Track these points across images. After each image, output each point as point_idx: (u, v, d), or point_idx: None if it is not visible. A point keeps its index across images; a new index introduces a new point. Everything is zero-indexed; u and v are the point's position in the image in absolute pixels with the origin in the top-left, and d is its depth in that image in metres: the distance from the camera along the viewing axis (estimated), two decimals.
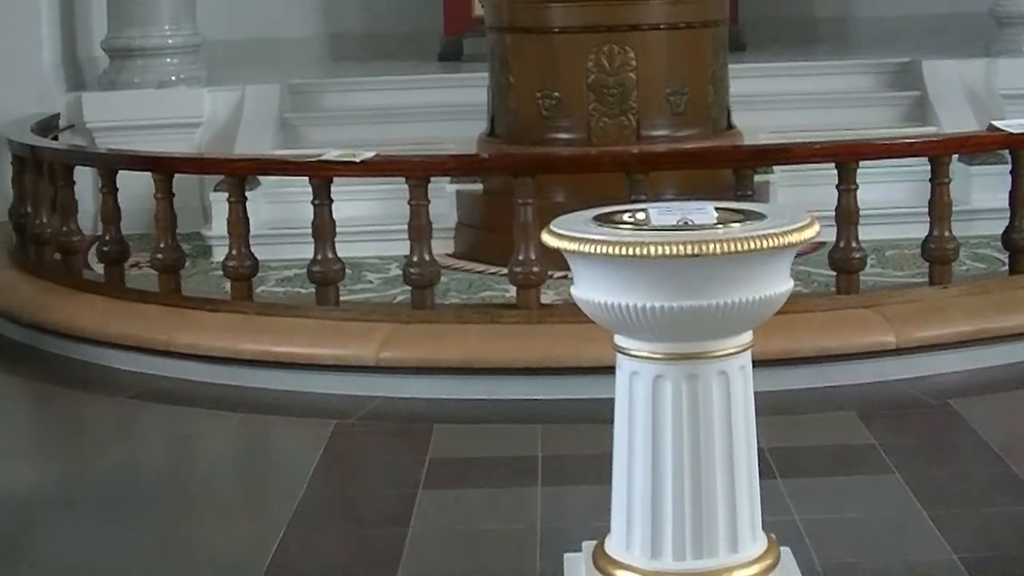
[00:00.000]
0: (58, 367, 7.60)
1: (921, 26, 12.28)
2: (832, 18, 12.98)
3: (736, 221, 3.99)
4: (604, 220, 4.03)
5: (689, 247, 3.82)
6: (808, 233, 3.94)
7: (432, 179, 7.28)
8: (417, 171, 7.20)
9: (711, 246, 3.82)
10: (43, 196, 8.42)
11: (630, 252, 3.81)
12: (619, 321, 3.96)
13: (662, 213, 4.06)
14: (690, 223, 3.99)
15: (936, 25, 12.23)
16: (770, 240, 3.86)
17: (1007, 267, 7.57)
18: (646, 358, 3.99)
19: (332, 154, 7.36)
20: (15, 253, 8.79)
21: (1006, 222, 7.45)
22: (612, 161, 7.34)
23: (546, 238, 3.99)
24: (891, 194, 8.76)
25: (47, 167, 8.32)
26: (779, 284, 3.97)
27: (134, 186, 8.08)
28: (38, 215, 8.46)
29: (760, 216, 4.02)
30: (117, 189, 7.87)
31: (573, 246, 3.92)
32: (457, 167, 7.80)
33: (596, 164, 7.50)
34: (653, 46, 8.24)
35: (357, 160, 7.21)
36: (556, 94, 8.31)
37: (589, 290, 3.97)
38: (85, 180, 8.73)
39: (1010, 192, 7.44)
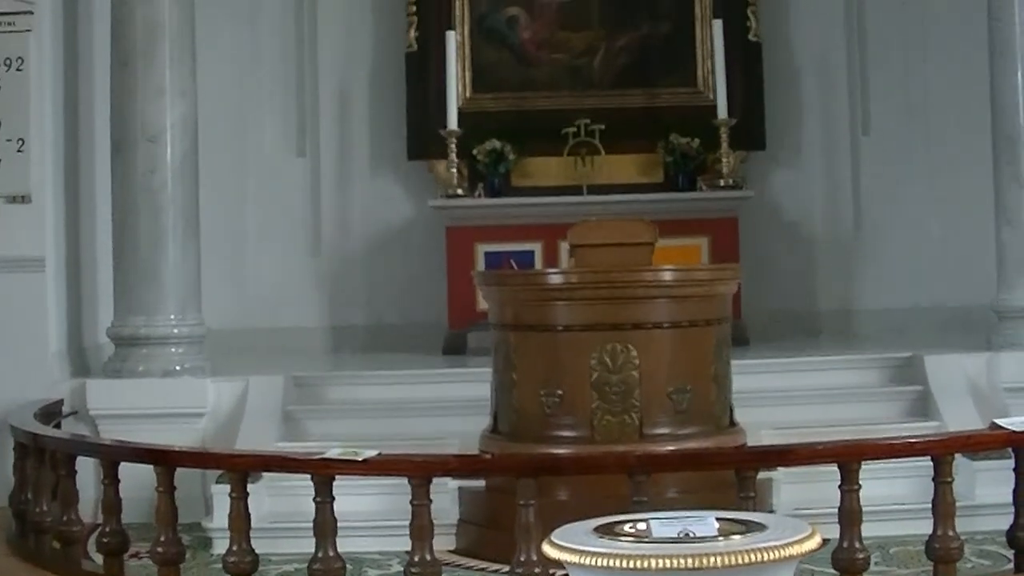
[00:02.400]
0: None
1: (923, 319, 12.41)
2: (834, 311, 13.07)
3: (737, 533, 3.97)
4: (605, 531, 4.02)
5: (690, 560, 3.81)
6: (809, 545, 3.94)
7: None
8: (419, 471, 7.18)
9: (712, 559, 3.81)
10: (44, 484, 8.40)
11: (631, 565, 3.80)
12: None
13: (663, 524, 4.05)
14: (691, 535, 3.97)
15: (938, 318, 12.34)
16: (771, 553, 3.85)
17: (1013, 565, 7.47)
18: None
19: (334, 452, 7.36)
20: (14, 540, 8.72)
21: (1011, 518, 7.38)
22: (615, 463, 7.31)
23: (547, 550, 3.97)
24: (894, 490, 8.67)
25: (49, 455, 8.32)
26: None
27: (136, 475, 8.04)
28: (39, 503, 8.44)
29: (761, 527, 4.01)
30: (119, 480, 7.85)
31: (574, 558, 3.91)
32: (459, 468, 7.77)
33: (599, 466, 7.46)
34: (656, 344, 8.27)
35: (359, 459, 7.20)
36: (559, 392, 8.30)
37: None
38: (87, 467, 8.68)
39: (1014, 490, 7.42)
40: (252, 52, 13.16)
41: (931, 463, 7.30)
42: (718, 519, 4.06)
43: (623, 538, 3.97)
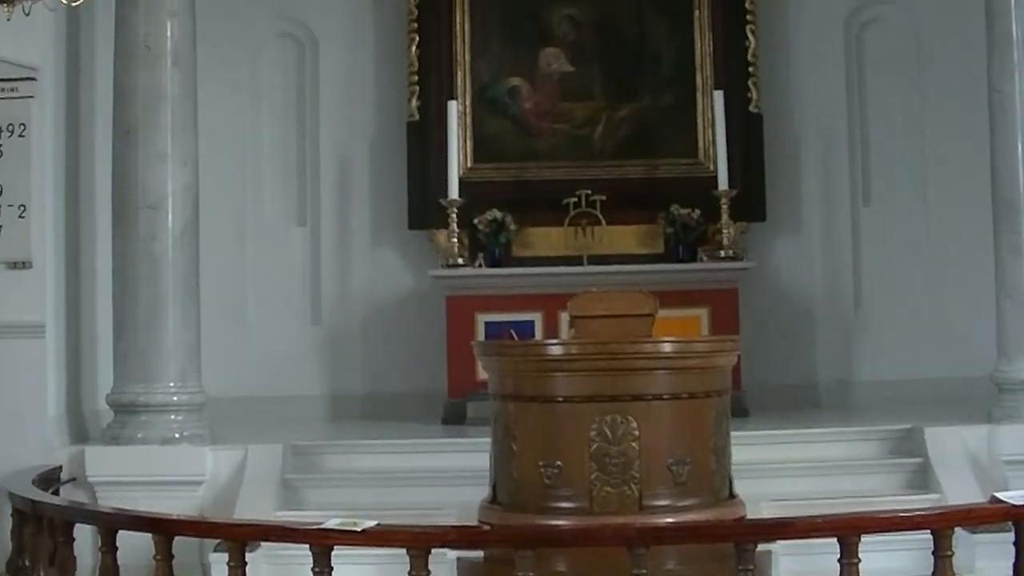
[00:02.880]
0: None
1: (923, 390, 12.39)
2: (834, 382, 13.09)
3: None
4: None
5: None
6: None
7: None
8: (418, 543, 7.15)
9: None
10: (42, 550, 8.35)
11: None
12: None
13: None
14: None
15: (938, 389, 12.32)
16: None
17: None
18: None
19: (333, 522, 7.32)
20: None
21: None
22: (614, 535, 7.28)
23: None
24: (895, 562, 8.68)
25: (47, 522, 8.28)
26: None
27: (134, 543, 8.01)
28: (36, 570, 8.40)
29: None
30: (117, 548, 7.81)
31: None
32: (458, 539, 7.73)
33: (598, 538, 7.44)
34: (656, 416, 8.23)
35: (358, 529, 7.16)
36: (559, 463, 8.26)
37: None
38: (85, 534, 8.64)
39: (1014, 564, 7.38)
40: (253, 120, 13.24)
41: (931, 536, 7.25)
42: None
43: None
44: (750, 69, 12.86)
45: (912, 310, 12.97)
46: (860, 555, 7.11)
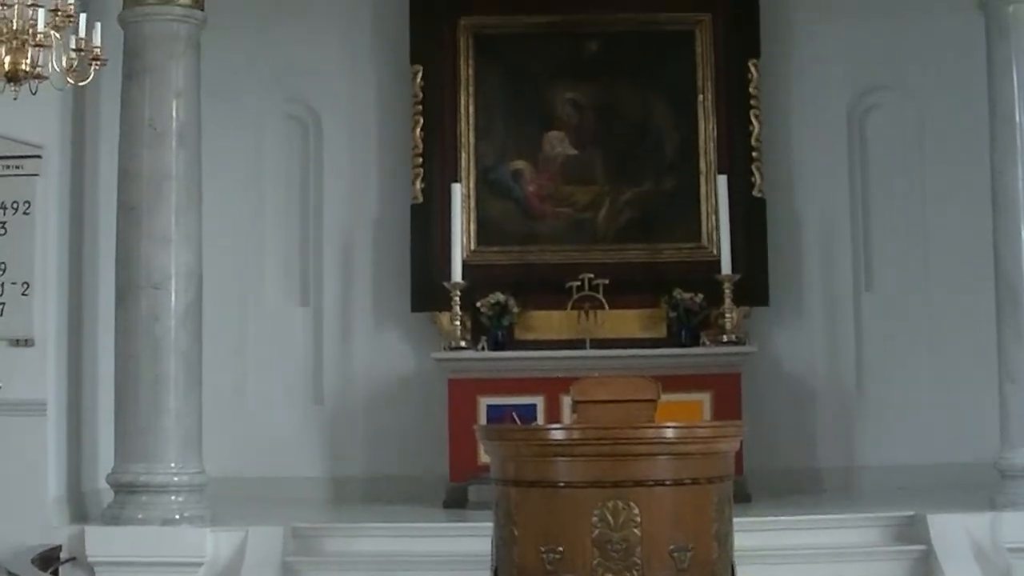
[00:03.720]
0: None
1: (925, 476, 12.31)
2: (836, 468, 13.00)
3: None
4: None
5: None
6: None
7: None
8: None
9: None
10: None
11: None
12: None
13: None
14: None
15: (941, 475, 12.25)
16: None
17: None
18: None
19: None
20: None
21: None
22: None
23: None
24: None
25: None
26: None
27: None
28: None
29: None
30: None
31: None
32: None
33: None
34: (658, 502, 8.12)
35: None
36: (560, 548, 8.15)
37: None
38: None
39: None
40: (257, 200, 13.26)
41: None
42: None
43: None
44: (753, 154, 12.88)
45: (914, 394, 12.90)
46: None
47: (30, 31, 8.05)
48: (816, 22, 13.22)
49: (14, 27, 8.03)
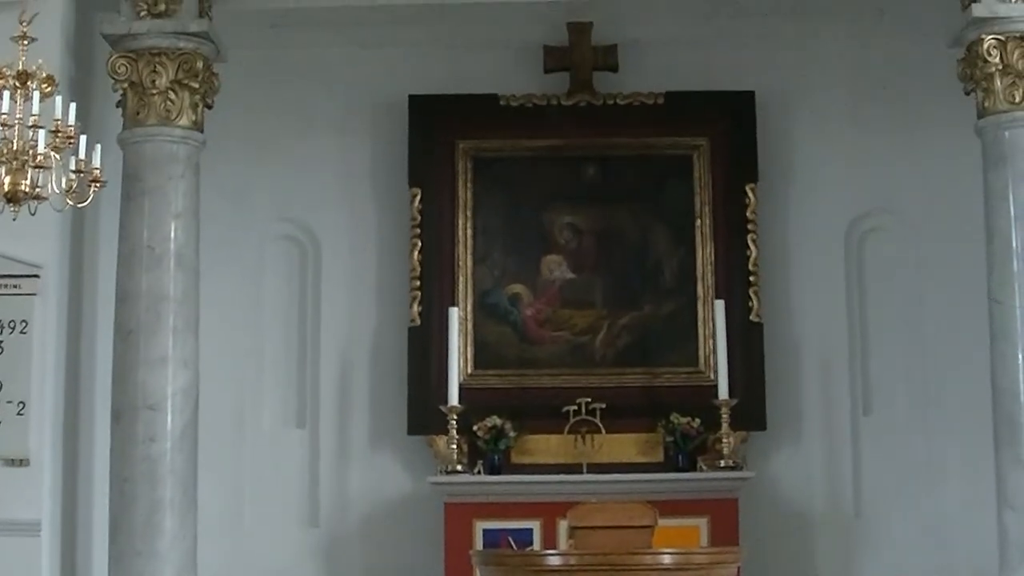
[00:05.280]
0: None
1: None
2: None
3: None
4: None
5: None
6: None
7: None
8: None
9: None
10: None
11: None
12: None
13: None
14: None
15: None
16: None
17: None
18: None
19: None
20: None
21: None
22: None
23: None
24: None
25: None
26: None
27: None
28: None
29: None
30: None
31: None
32: None
33: None
34: None
35: None
36: None
37: None
38: None
39: None
40: (254, 321, 13.18)
41: None
42: None
43: None
44: (751, 278, 12.87)
45: (913, 520, 12.77)
46: None
47: (30, 152, 8.11)
48: (814, 144, 13.26)
49: (14, 148, 8.08)
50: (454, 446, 12.31)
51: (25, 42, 8.62)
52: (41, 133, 8.13)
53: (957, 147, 12.03)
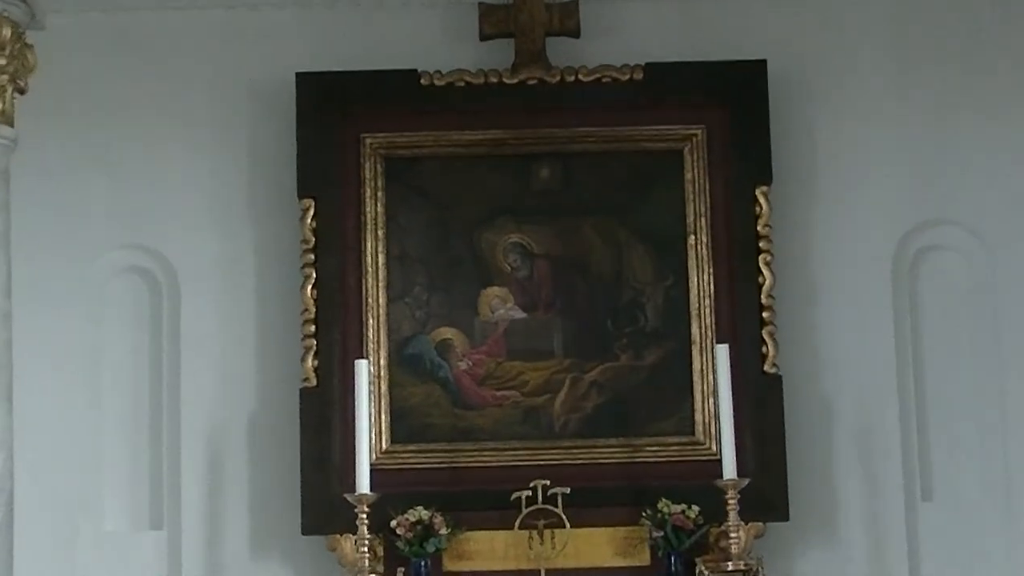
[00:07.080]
0: None
1: None
2: None
3: None
4: None
5: None
6: None
7: None
8: None
9: None
10: None
11: None
12: None
13: None
14: None
15: None
16: None
17: None
18: None
19: None
20: None
21: None
22: None
23: None
24: None
25: None
26: None
27: None
28: None
29: None
30: None
31: None
32: None
33: None
34: None
35: None
36: None
37: None
38: None
39: None
40: (92, 385, 11.26)
41: None
42: None
43: None
44: (764, 315, 10.98)
45: None
46: None
47: None
48: (848, 133, 11.42)
49: None
50: (365, 549, 10.45)
51: None
52: None
53: None
